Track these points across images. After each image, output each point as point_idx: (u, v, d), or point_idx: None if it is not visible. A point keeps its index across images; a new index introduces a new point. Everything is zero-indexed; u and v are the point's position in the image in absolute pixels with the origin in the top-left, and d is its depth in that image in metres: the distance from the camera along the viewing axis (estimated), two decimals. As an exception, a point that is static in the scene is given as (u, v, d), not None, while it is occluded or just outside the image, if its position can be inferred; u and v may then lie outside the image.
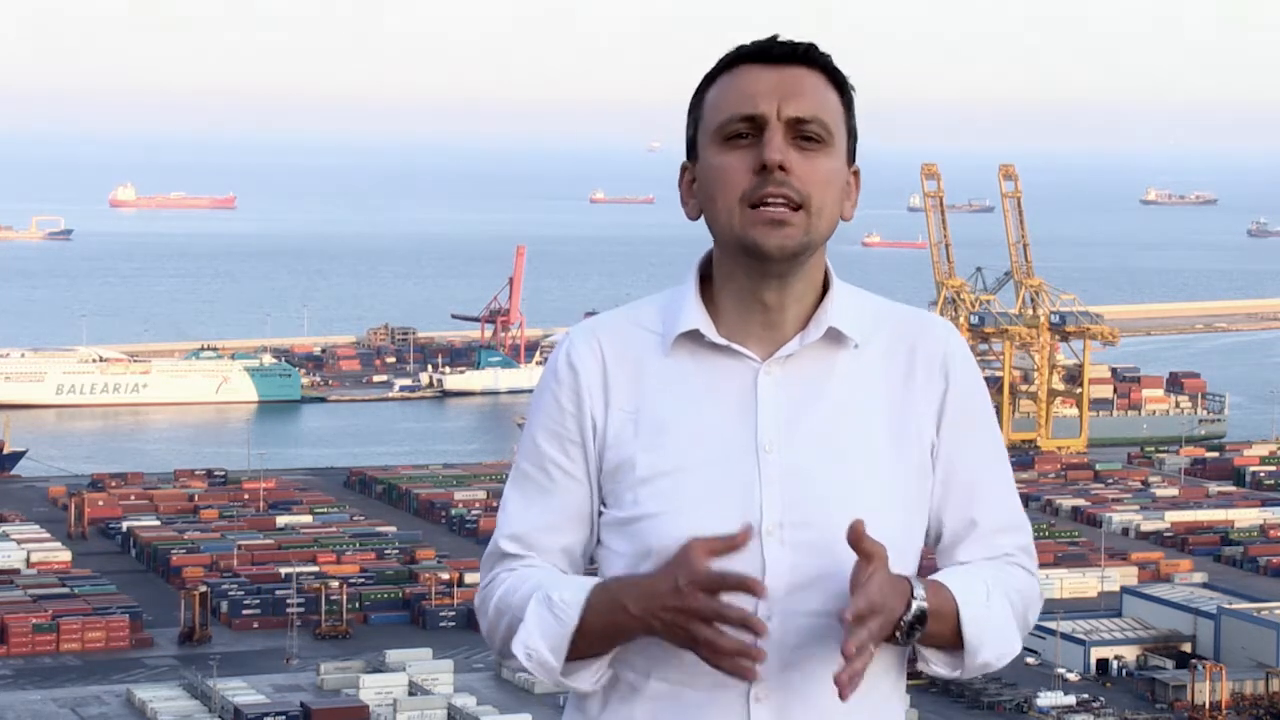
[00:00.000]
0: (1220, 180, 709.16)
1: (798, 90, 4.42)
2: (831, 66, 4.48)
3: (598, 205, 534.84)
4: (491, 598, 4.55)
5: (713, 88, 4.50)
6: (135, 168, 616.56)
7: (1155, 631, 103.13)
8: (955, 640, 4.43)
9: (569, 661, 4.40)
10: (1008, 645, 4.48)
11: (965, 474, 4.57)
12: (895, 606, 4.30)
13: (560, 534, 4.58)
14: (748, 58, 4.47)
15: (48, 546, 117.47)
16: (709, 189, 4.46)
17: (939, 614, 4.38)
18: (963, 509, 4.57)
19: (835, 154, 4.45)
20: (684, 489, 4.43)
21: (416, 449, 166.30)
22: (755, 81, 4.43)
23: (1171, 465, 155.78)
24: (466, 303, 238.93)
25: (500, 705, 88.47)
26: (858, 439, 4.47)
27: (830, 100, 4.46)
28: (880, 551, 4.28)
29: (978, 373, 4.64)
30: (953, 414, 4.56)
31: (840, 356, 4.52)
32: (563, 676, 4.41)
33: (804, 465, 4.43)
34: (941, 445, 4.55)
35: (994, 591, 4.48)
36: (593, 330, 4.61)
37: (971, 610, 4.42)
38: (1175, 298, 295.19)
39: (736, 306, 4.51)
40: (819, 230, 4.43)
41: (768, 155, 4.37)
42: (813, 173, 4.41)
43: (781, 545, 4.40)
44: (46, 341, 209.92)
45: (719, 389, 4.49)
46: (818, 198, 4.41)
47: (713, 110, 4.48)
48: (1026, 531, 4.66)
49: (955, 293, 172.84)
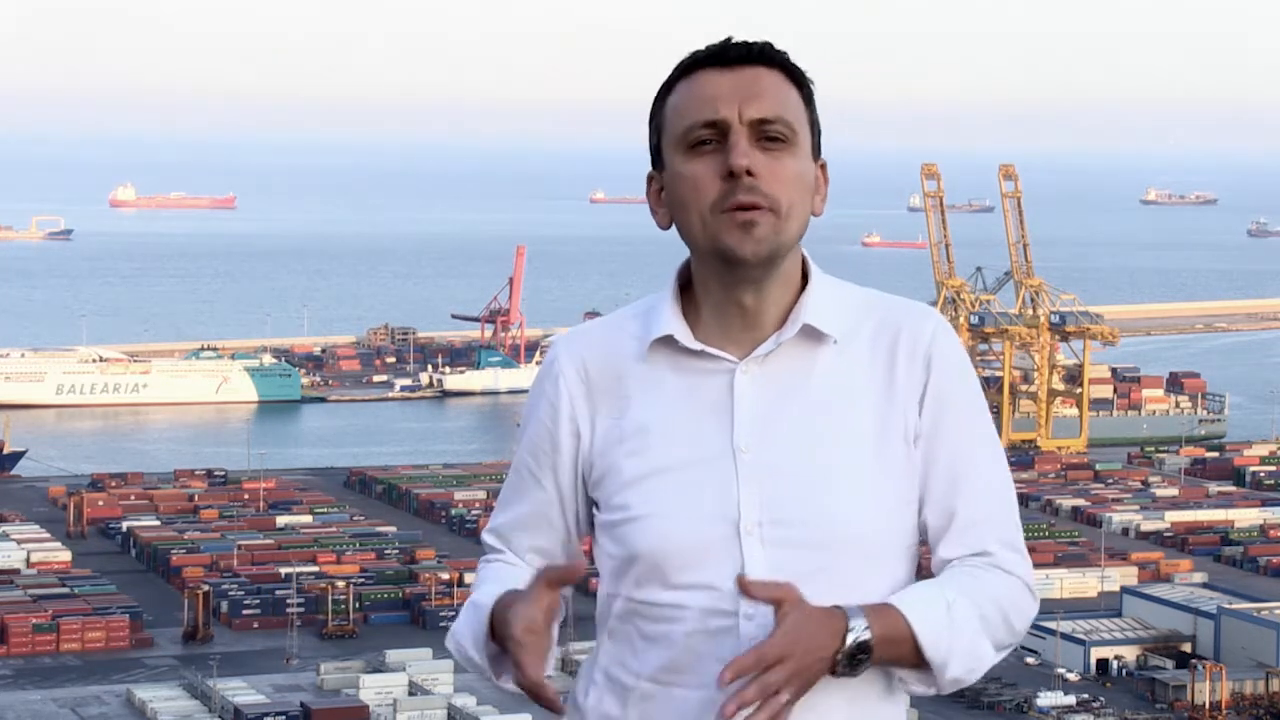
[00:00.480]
0: (1220, 180, 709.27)
1: (757, 91, 4.40)
2: (788, 63, 4.46)
3: (598, 205, 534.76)
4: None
5: (672, 95, 4.48)
6: (135, 168, 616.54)
7: (1155, 631, 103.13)
8: (921, 660, 4.39)
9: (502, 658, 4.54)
10: (978, 659, 4.41)
11: (946, 464, 4.52)
12: (819, 644, 4.26)
13: (530, 535, 4.73)
14: (704, 62, 4.45)
15: (48, 546, 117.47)
16: (678, 198, 4.46)
17: (890, 639, 4.33)
18: (943, 502, 4.52)
19: (800, 152, 4.44)
20: (664, 491, 4.46)
21: (416, 449, 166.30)
22: (714, 86, 4.41)
23: (1171, 465, 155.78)
24: (466, 303, 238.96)
25: (500, 705, 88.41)
26: (838, 436, 4.45)
27: (791, 97, 4.44)
28: (785, 595, 4.26)
29: (963, 360, 4.59)
30: (934, 403, 4.51)
31: (820, 353, 4.50)
32: (493, 676, 4.59)
33: (781, 463, 4.43)
34: (923, 436, 4.51)
35: (957, 604, 4.40)
36: (575, 342, 4.66)
37: (929, 629, 4.36)
38: (1175, 298, 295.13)
39: (715, 311, 4.52)
40: (790, 232, 4.42)
41: (734, 161, 4.36)
42: (780, 174, 4.39)
43: (761, 544, 4.40)
44: (46, 341, 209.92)
45: (697, 392, 4.50)
46: (786, 199, 4.40)
47: (674, 117, 4.47)
48: (1011, 523, 4.56)
49: (955, 293, 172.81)
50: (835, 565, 4.40)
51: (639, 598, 4.49)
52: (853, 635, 4.28)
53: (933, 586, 4.46)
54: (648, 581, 4.47)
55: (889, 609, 4.36)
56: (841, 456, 4.45)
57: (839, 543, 4.42)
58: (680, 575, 4.45)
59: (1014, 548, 4.54)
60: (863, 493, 4.44)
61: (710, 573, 4.42)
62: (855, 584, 4.42)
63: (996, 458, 4.61)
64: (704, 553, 4.41)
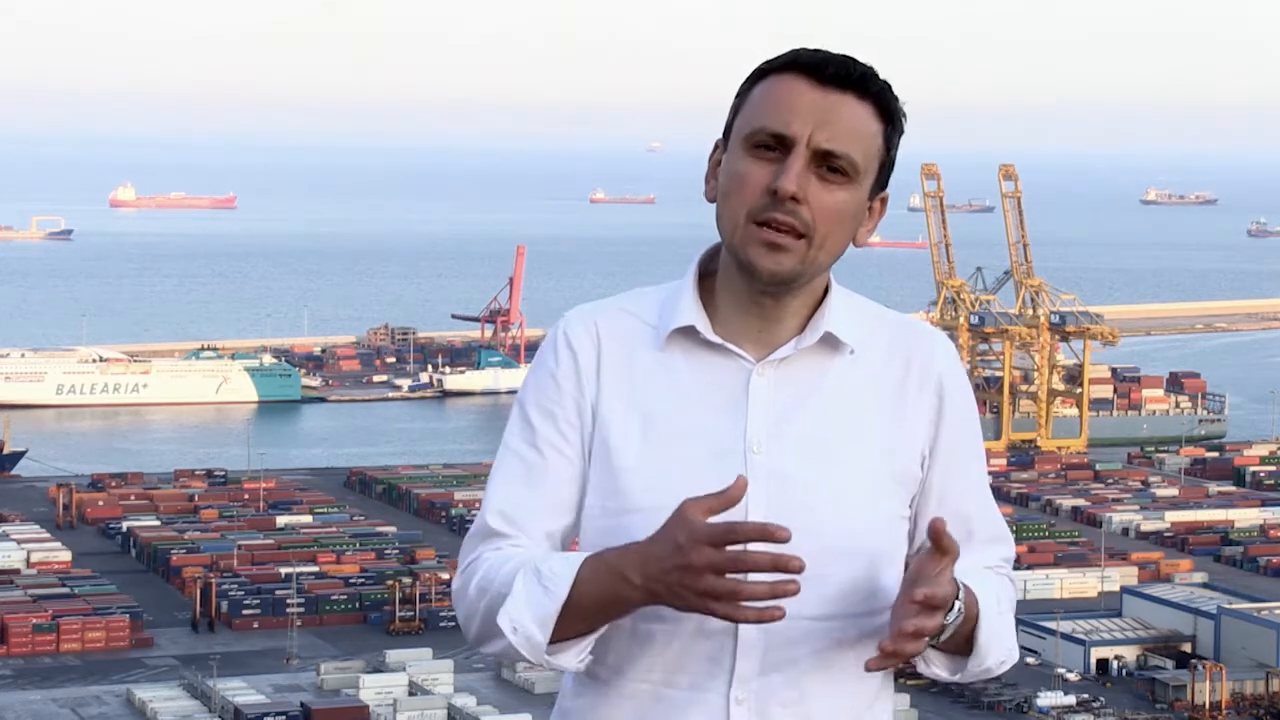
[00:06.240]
0: (1220, 180, 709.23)
1: (835, 119, 4.32)
2: (883, 97, 4.37)
3: (598, 205, 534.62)
4: (472, 578, 4.45)
5: (759, 85, 4.40)
6: (135, 168, 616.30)
7: (1155, 631, 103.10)
8: (964, 644, 4.43)
9: (554, 642, 4.29)
10: (1010, 653, 4.50)
11: (959, 491, 4.57)
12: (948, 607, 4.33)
13: (548, 515, 4.49)
14: (800, 68, 4.36)
15: (48, 546, 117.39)
16: (725, 189, 4.41)
17: (967, 618, 4.38)
18: (957, 524, 4.51)
19: (858, 187, 4.37)
20: (669, 485, 4.36)
21: (416, 449, 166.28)
22: (797, 97, 4.33)
23: (1171, 465, 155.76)
24: (466, 303, 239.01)
25: (500, 705, 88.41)
26: (847, 444, 4.45)
27: (870, 132, 4.35)
28: (955, 550, 4.26)
29: (969, 389, 4.64)
30: (948, 433, 4.54)
31: (835, 362, 4.49)
32: (548, 654, 4.28)
33: (791, 468, 4.40)
34: (935, 463, 4.54)
35: (1003, 599, 4.52)
36: (590, 315, 4.56)
37: (988, 617, 4.42)
38: (1175, 298, 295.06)
39: (734, 306, 4.48)
40: (817, 261, 4.38)
41: (782, 185, 4.30)
42: (827, 205, 4.33)
43: (765, 547, 4.34)
44: (46, 341, 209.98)
45: (710, 387, 4.45)
46: (823, 231, 4.34)
47: (751, 111, 4.38)
48: (1011, 544, 4.71)
49: (955, 293, 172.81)
50: (836, 572, 4.39)
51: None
52: (959, 605, 4.31)
53: (984, 578, 4.51)
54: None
55: (968, 588, 4.39)
56: (850, 466, 4.44)
57: (843, 550, 4.41)
58: None
59: (1010, 564, 4.71)
60: (868, 503, 4.45)
61: None
62: (852, 591, 4.42)
63: (987, 478, 4.71)
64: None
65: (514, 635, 4.26)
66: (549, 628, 4.24)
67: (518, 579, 4.29)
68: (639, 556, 4.17)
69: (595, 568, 4.23)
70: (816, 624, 4.38)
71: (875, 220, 4.48)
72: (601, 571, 4.22)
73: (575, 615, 4.25)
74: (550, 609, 4.23)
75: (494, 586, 4.36)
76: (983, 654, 4.43)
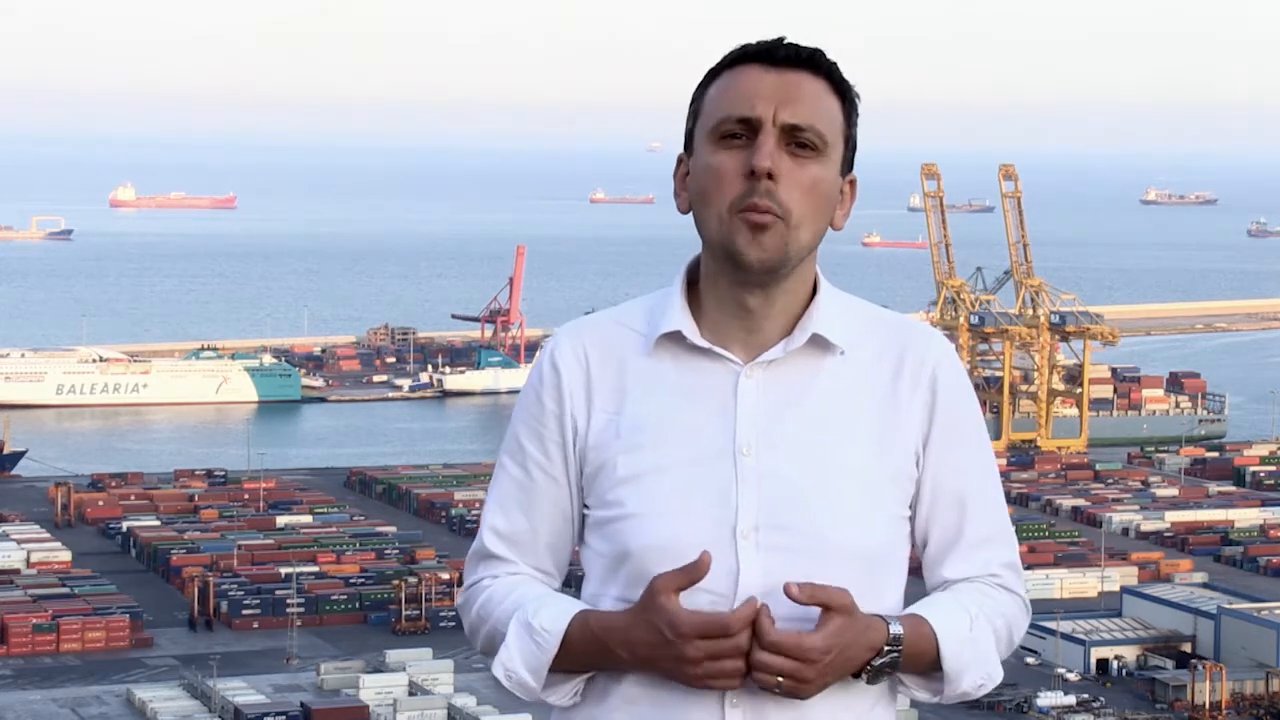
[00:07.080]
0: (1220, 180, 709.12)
1: (796, 96, 4.39)
2: (836, 74, 4.45)
3: (598, 205, 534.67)
4: (474, 602, 4.63)
5: (714, 84, 4.47)
6: (135, 168, 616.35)
7: (1155, 631, 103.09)
8: (934, 667, 4.43)
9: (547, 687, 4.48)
10: (989, 675, 4.48)
11: (952, 487, 4.55)
12: (856, 655, 4.34)
13: (542, 532, 4.62)
14: (752, 57, 4.44)
15: (48, 546, 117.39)
16: (700, 188, 4.45)
17: (916, 653, 4.40)
18: (950, 521, 4.55)
19: (828, 163, 4.42)
20: (662, 490, 4.43)
21: (416, 449, 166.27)
22: (755, 83, 4.40)
23: (1171, 465, 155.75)
24: (466, 303, 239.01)
25: (500, 705, 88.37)
26: (839, 445, 4.45)
27: (830, 108, 4.43)
28: (835, 601, 4.30)
29: (967, 384, 4.62)
30: (941, 426, 4.54)
31: (825, 363, 4.50)
32: (542, 695, 4.48)
33: (782, 469, 4.42)
34: (929, 457, 4.53)
35: (978, 620, 4.48)
36: (578, 331, 4.62)
37: (953, 643, 4.41)
38: (1175, 298, 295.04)
39: (720, 309, 4.51)
40: (800, 242, 4.41)
41: (757, 161, 4.35)
42: (800, 181, 4.38)
43: (756, 549, 4.39)
44: (46, 341, 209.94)
45: (699, 391, 4.48)
46: (799, 210, 4.39)
47: (711, 107, 4.45)
48: (1013, 545, 4.64)
49: (955, 293, 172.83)
50: (830, 573, 4.38)
51: (629, 598, 4.43)
52: (887, 654, 4.36)
53: (954, 600, 4.51)
54: (639, 582, 4.40)
55: (920, 622, 4.40)
56: (842, 466, 4.45)
57: (835, 551, 4.41)
58: None
59: (1015, 568, 4.64)
60: (862, 504, 4.45)
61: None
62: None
63: (996, 480, 4.66)
64: (698, 554, 4.36)
65: (508, 681, 4.48)
66: (541, 676, 4.45)
67: (510, 628, 4.48)
68: (622, 635, 4.36)
69: (583, 633, 4.41)
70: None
71: (849, 204, 4.53)
72: (589, 638, 4.40)
73: (566, 661, 4.44)
74: (542, 660, 4.43)
75: (492, 620, 4.56)
76: (954, 680, 4.43)
